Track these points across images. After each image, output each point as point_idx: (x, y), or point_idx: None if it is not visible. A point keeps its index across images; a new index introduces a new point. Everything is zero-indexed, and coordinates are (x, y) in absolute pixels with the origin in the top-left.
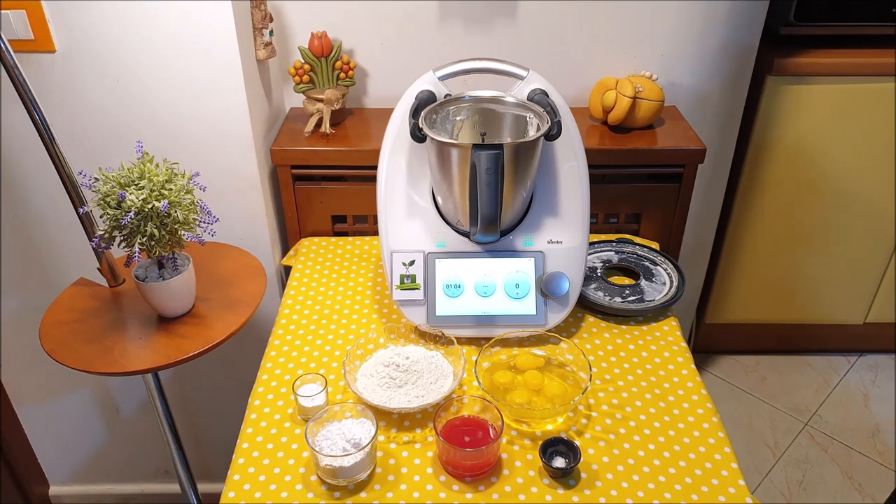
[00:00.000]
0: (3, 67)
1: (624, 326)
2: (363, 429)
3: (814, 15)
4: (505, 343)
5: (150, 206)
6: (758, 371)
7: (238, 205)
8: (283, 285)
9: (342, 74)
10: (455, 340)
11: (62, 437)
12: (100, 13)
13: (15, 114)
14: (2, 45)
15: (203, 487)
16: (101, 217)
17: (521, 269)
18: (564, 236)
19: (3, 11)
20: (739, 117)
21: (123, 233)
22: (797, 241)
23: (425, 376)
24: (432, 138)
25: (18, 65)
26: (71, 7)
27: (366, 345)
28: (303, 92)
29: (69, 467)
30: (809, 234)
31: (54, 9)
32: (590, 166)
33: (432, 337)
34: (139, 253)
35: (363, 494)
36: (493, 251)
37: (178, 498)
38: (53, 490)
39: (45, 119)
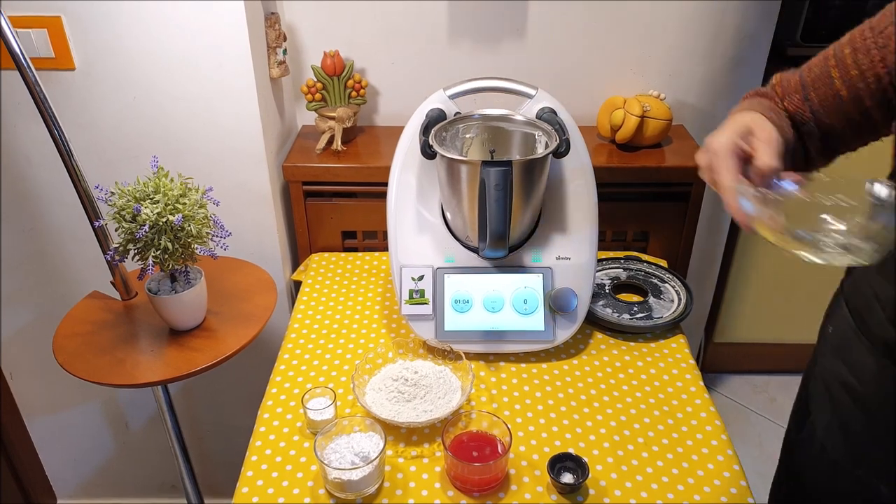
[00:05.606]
0: (24, 84)
1: (632, 343)
2: (371, 442)
3: (821, 35)
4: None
5: (164, 219)
6: (767, 391)
7: (250, 220)
8: (293, 300)
9: (354, 93)
10: (463, 355)
11: (70, 450)
12: (118, 32)
13: (34, 128)
14: (24, 63)
15: (210, 503)
16: (115, 230)
17: (529, 285)
18: (573, 252)
19: (25, 30)
20: None
21: (138, 246)
22: None
23: (434, 391)
24: (442, 155)
25: (39, 81)
26: (91, 26)
27: (374, 359)
28: (315, 110)
29: (76, 480)
30: None
31: (75, 28)
32: (598, 184)
33: (441, 352)
34: (152, 266)
35: None
36: (501, 267)
37: None
38: (60, 503)
39: (63, 134)
